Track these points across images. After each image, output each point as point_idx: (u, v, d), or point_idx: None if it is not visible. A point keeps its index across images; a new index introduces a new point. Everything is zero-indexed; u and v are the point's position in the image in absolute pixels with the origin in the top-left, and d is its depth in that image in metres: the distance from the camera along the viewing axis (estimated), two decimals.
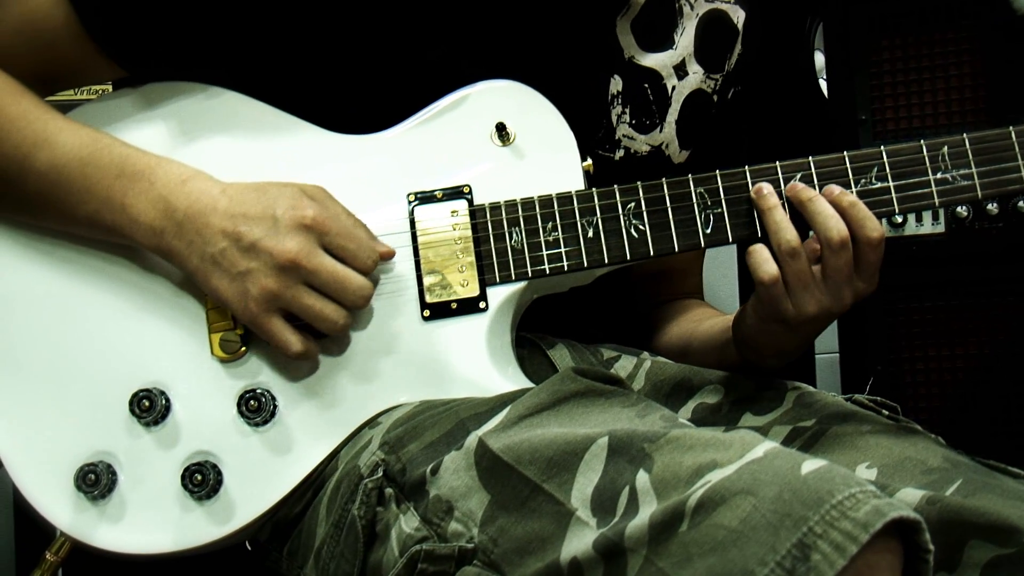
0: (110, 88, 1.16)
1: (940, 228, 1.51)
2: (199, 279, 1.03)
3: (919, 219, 1.51)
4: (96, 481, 1.03)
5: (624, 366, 1.21)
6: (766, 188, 1.04)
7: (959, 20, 1.49)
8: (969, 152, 1.05)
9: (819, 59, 1.77)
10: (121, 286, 1.08)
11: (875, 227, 1.01)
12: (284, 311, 1.01)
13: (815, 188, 1.04)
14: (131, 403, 1.05)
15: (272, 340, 1.02)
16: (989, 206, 1.47)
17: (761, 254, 1.02)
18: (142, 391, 1.05)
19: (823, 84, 1.67)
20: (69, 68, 1.10)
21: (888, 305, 1.52)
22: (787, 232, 1.01)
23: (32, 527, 1.07)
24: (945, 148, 1.05)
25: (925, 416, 1.51)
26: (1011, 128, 1.04)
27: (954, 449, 1.01)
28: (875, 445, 1.00)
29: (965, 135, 1.05)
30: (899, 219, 1.51)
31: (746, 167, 1.06)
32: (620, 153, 1.22)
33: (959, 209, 1.48)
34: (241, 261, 1.00)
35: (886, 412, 1.07)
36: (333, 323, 1.01)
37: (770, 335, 1.08)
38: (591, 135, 1.19)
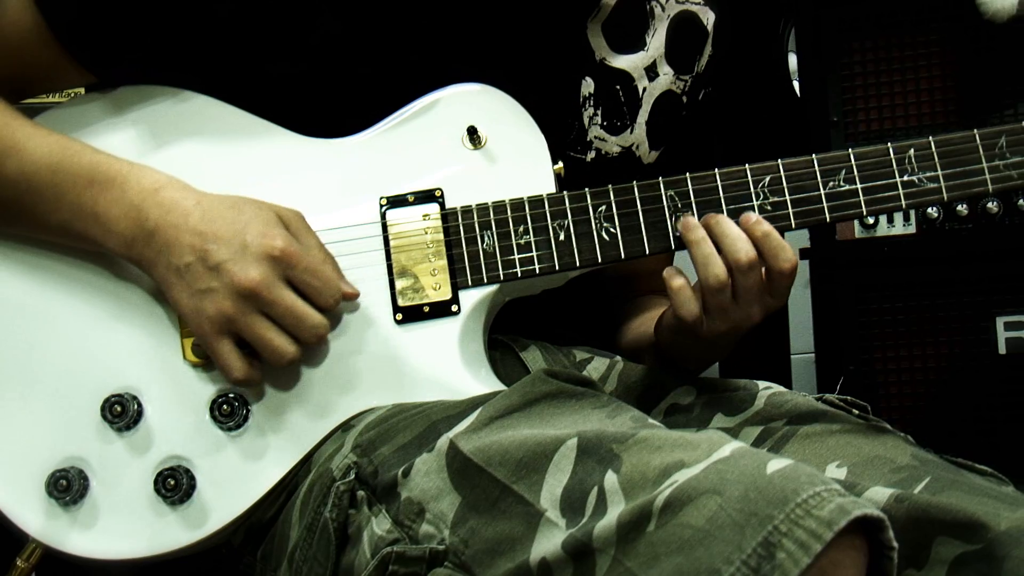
0: (82, 91, 1.15)
1: (911, 229, 1.53)
2: (163, 288, 1.03)
3: (891, 220, 1.53)
4: (68, 487, 1.03)
5: (597, 367, 1.21)
6: (692, 221, 1.05)
7: (929, 23, 1.51)
8: (935, 155, 1.06)
9: (793, 61, 1.79)
10: (93, 292, 1.08)
11: (787, 258, 1.03)
12: (236, 336, 1.01)
13: (784, 192, 1.06)
14: (103, 408, 1.04)
15: (216, 361, 1.02)
16: (959, 207, 1.49)
17: (685, 292, 1.04)
18: (114, 396, 1.05)
19: (797, 86, 1.68)
20: (38, 74, 1.10)
21: (861, 305, 1.54)
22: (716, 267, 1.02)
23: (3, 533, 1.06)
24: (912, 151, 1.06)
25: (896, 415, 1.52)
26: (975, 131, 1.05)
27: (923, 447, 1.02)
28: (845, 444, 1.01)
29: (931, 138, 1.06)
30: (871, 220, 1.53)
31: (716, 170, 1.07)
32: (592, 155, 1.22)
33: (930, 210, 1.50)
34: (203, 279, 1.00)
35: (856, 412, 1.07)
36: (281, 356, 1.01)
37: (683, 347, 1.14)
38: (563, 137, 1.20)
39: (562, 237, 1.07)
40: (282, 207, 1.05)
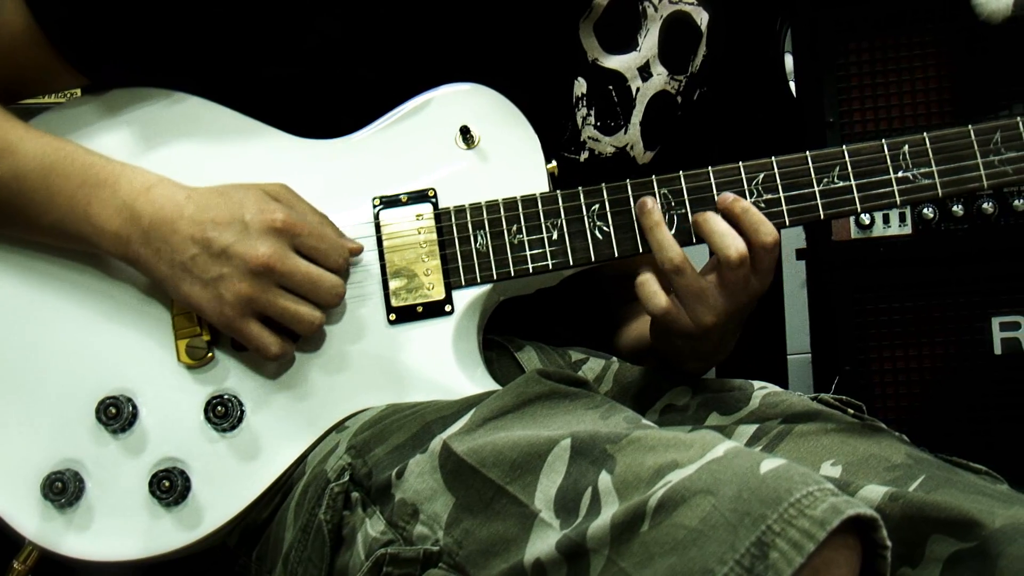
0: (78, 93, 1.15)
1: (907, 230, 1.53)
2: (169, 286, 1.03)
3: (886, 221, 1.53)
4: (63, 489, 1.03)
5: (592, 368, 1.21)
6: (649, 203, 1.05)
7: (924, 24, 1.51)
8: (929, 151, 1.06)
9: (789, 62, 1.79)
10: (87, 294, 1.08)
11: (768, 231, 1.02)
12: (259, 314, 1.01)
13: (778, 189, 1.06)
14: (98, 410, 1.04)
15: (251, 344, 1.02)
16: (955, 208, 1.49)
17: (649, 286, 1.03)
18: (109, 398, 1.05)
19: (793, 86, 1.68)
20: (31, 76, 1.10)
21: (857, 306, 1.54)
22: (669, 250, 1.02)
23: None
24: (906, 147, 1.06)
25: (892, 414, 1.52)
26: (970, 127, 1.05)
27: (917, 446, 1.02)
28: (840, 443, 1.01)
29: (925, 134, 1.06)
30: (866, 220, 1.53)
31: (709, 168, 1.07)
32: (585, 155, 1.22)
33: (925, 210, 1.50)
34: (213, 267, 1.00)
35: (851, 411, 1.07)
36: (309, 323, 1.02)
37: (679, 348, 1.11)
38: (556, 137, 1.20)
39: (555, 236, 1.07)
40: (266, 183, 1.04)
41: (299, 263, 1.01)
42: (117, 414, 1.04)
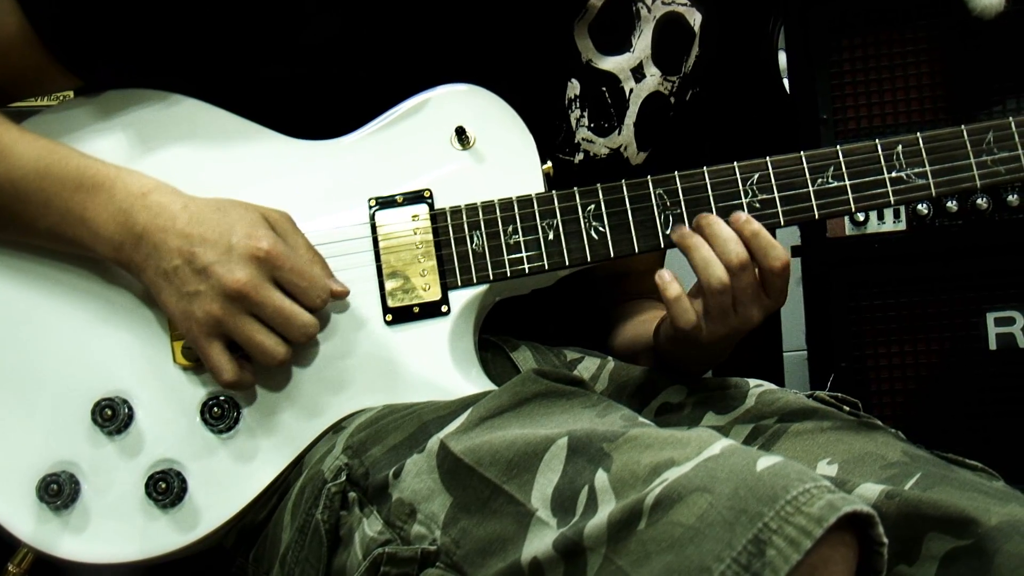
0: (72, 95, 1.15)
1: (902, 226, 1.53)
2: (152, 292, 1.03)
3: (881, 217, 1.53)
4: (59, 491, 1.03)
5: (588, 367, 1.22)
6: (685, 230, 1.05)
7: (917, 20, 1.51)
8: (923, 151, 1.06)
9: (783, 59, 1.79)
10: (82, 296, 1.08)
11: (778, 256, 1.03)
12: (226, 337, 1.01)
13: (773, 190, 1.06)
14: (93, 412, 1.04)
15: (207, 364, 1.02)
16: (949, 204, 1.49)
17: (682, 303, 1.04)
18: (104, 400, 1.04)
19: (787, 84, 1.68)
20: (24, 78, 1.09)
21: (852, 302, 1.54)
22: (716, 268, 1.02)
23: None
24: (900, 147, 1.06)
25: (888, 411, 1.52)
26: (963, 127, 1.06)
27: (914, 443, 1.03)
28: (836, 441, 1.01)
29: (919, 134, 1.06)
30: (861, 217, 1.53)
31: (704, 168, 1.07)
32: (579, 156, 1.22)
33: (920, 207, 1.50)
34: (191, 282, 1.00)
35: (847, 408, 1.08)
36: (271, 357, 1.01)
37: (683, 355, 1.13)
38: (551, 139, 1.20)
39: (551, 237, 1.08)
40: (269, 208, 1.05)
41: (273, 295, 1.01)
42: (113, 416, 1.04)
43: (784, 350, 2.04)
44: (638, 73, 1.25)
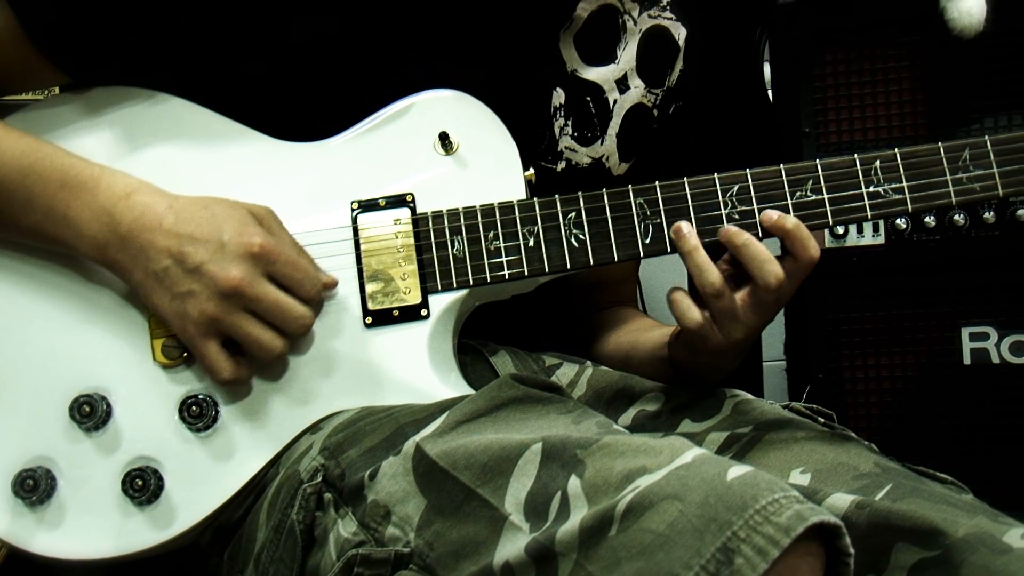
0: (57, 91, 1.15)
1: (880, 240, 1.54)
2: (141, 293, 1.03)
3: (860, 230, 1.54)
4: (34, 487, 1.03)
5: (566, 373, 1.22)
6: (685, 228, 1.05)
7: (900, 38, 1.52)
8: (900, 167, 1.07)
9: (768, 71, 1.80)
10: (63, 293, 1.08)
11: (815, 246, 1.04)
12: (222, 335, 1.02)
13: (752, 201, 1.07)
14: (71, 408, 1.04)
15: (204, 363, 1.02)
16: (927, 219, 1.51)
17: (683, 303, 1.04)
18: (83, 396, 1.05)
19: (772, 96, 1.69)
20: (11, 74, 1.09)
21: (829, 314, 1.55)
22: (710, 274, 1.03)
23: None
24: (878, 163, 1.07)
25: (863, 423, 1.53)
26: (940, 144, 1.07)
27: (886, 455, 1.04)
28: (809, 451, 1.02)
29: (897, 150, 1.07)
30: (840, 230, 1.54)
31: (685, 179, 1.08)
32: (562, 165, 1.23)
33: (898, 222, 1.51)
34: (183, 282, 1.00)
35: (821, 420, 1.09)
36: (270, 350, 1.02)
37: (704, 364, 1.12)
38: (534, 146, 1.20)
39: (532, 243, 1.08)
40: (253, 204, 1.05)
41: (269, 290, 1.01)
42: (91, 412, 1.04)
43: (764, 360, 2.05)
44: (622, 84, 1.26)
